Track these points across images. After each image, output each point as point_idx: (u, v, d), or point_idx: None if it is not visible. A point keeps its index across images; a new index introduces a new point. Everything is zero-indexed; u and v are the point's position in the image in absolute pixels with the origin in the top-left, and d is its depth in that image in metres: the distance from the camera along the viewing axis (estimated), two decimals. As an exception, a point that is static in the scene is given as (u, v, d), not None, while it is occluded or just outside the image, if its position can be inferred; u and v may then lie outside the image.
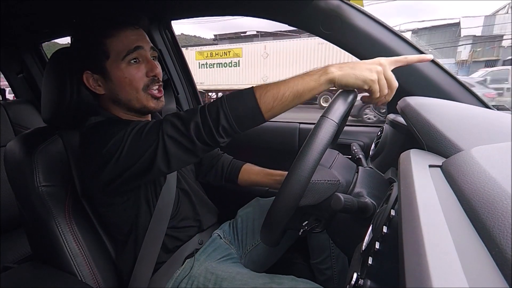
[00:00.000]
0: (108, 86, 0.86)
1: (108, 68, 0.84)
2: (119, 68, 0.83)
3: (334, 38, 0.94)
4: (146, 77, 0.87)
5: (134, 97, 0.87)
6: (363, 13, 0.89)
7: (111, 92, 0.87)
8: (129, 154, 0.74)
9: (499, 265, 0.25)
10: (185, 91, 1.74)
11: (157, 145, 0.72)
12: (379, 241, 0.52)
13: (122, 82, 0.84)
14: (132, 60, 0.84)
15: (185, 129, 0.71)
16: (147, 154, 0.73)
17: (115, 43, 0.82)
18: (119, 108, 0.91)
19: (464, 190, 0.36)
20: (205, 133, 0.70)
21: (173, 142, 0.72)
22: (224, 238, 1.10)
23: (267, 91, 0.70)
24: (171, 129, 0.72)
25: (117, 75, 0.84)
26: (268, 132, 1.64)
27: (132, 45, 0.83)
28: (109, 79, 0.85)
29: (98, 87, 0.86)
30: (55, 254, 0.91)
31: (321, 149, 0.63)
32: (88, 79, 0.86)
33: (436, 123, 0.61)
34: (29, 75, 1.99)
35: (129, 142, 0.74)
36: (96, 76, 0.85)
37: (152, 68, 0.87)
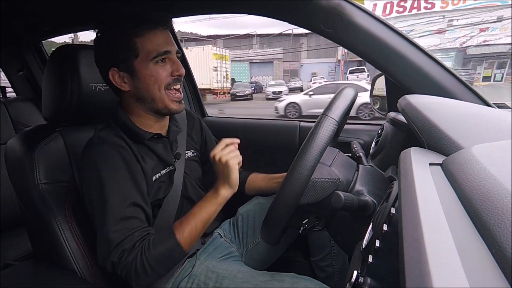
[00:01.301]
0: (134, 83, 0.87)
1: (136, 66, 0.85)
2: (147, 67, 0.85)
3: (335, 36, 0.94)
4: (171, 76, 0.89)
5: (158, 96, 0.88)
6: (364, 11, 0.89)
7: (137, 90, 0.88)
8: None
9: (499, 263, 0.25)
10: (186, 89, 1.74)
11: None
12: (379, 239, 0.52)
13: (148, 80, 0.86)
14: (160, 60, 0.87)
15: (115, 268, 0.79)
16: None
17: (145, 43, 0.84)
18: (141, 106, 0.91)
19: (465, 188, 0.36)
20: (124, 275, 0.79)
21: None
22: (224, 237, 1.10)
23: (184, 233, 0.83)
24: (110, 262, 0.78)
25: (144, 73, 0.85)
26: (269, 130, 1.64)
27: (161, 48, 0.86)
28: (135, 77, 0.86)
29: (124, 84, 0.87)
30: (55, 252, 0.91)
31: (321, 148, 0.63)
32: (114, 76, 0.86)
33: (437, 121, 0.61)
34: (29, 73, 1.99)
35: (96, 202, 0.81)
36: (122, 73, 0.86)
37: (177, 69, 0.90)
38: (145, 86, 0.87)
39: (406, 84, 0.91)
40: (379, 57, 0.91)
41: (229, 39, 32.36)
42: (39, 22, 1.52)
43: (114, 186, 0.80)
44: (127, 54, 0.84)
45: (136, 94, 0.89)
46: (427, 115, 0.64)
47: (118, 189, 0.80)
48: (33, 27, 1.60)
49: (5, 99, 1.87)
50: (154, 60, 0.85)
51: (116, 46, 0.84)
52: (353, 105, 0.83)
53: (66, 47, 0.95)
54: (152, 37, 0.85)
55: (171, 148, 1.00)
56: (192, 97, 1.78)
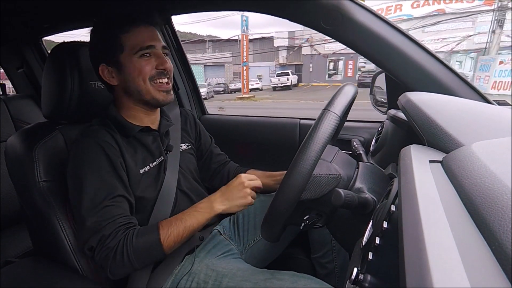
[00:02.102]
0: (121, 77, 0.92)
1: (122, 60, 0.90)
2: (131, 60, 0.90)
3: (335, 33, 0.93)
4: (156, 69, 0.93)
5: (143, 88, 0.92)
6: (364, 8, 0.89)
7: (124, 83, 0.93)
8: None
9: (499, 260, 0.26)
10: (186, 86, 1.74)
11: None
12: (380, 236, 0.52)
13: (132, 73, 0.90)
14: (144, 54, 0.91)
15: (94, 255, 0.81)
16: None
17: (130, 39, 0.89)
18: (130, 99, 0.96)
19: (465, 185, 0.36)
20: (99, 264, 0.82)
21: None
22: (224, 234, 1.10)
23: (169, 236, 0.85)
24: (88, 247, 0.81)
25: (129, 67, 0.90)
26: (269, 128, 1.64)
27: (145, 43, 0.90)
28: (122, 71, 0.91)
29: (112, 78, 0.92)
30: (56, 249, 0.91)
31: (323, 142, 0.63)
32: (103, 71, 0.92)
33: (437, 118, 0.61)
34: (29, 70, 1.99)
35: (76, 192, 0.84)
36: (110, 68, 0.91)
37: (162, 62, 0.93)
38: (130, 79, 0.91)
39: (406, 82, 0.91)
40: (379, 54, 0.91)
41: (186, 44, 33.95)
42: (38, 19, 1.52)
43: (96, 179, 0.84)
44: (114, 49, 0.89)
45: (123, 88, 0.93)
46: (427, 112, 0.64)
47: (100, 181, 0.84)
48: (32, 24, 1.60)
49: (5, 97, 1.87)
50: (138, 54, 0.90)
51: (105, 43, 0.90)
52: (353, 103, 0.83)
53: (65, 44, 0.95)
54: (136, 33, 0.90)
55: (162, 141, 1.03)
56: (192, 95, 1.78)
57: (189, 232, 0.88)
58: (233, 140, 0.91)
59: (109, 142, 0.89)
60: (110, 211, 0.82)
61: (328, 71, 26.79)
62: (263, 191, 1.20)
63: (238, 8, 1.15)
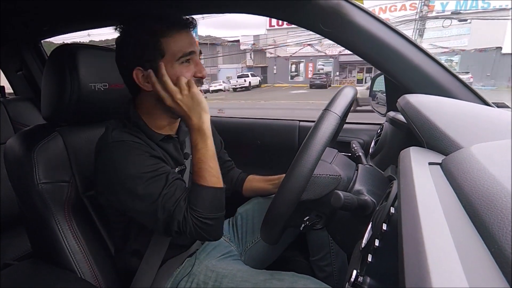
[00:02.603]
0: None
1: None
2: (172, 67, 0.85)
3: (334, 35, 0.93)
4: (194, 77, 0.88)
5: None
6: (363, 11, 0.89)
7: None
8: (136, 205, 0.80)
9: (498, 262, 0.26)
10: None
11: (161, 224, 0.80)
12: (379, 238, 0.52)
13: (172, 79, 0.86)
14: (185, 61, 0.86)
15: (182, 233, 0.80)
16: (152, 220, 0.80)
17: (171, 44, 0.84)
18: (160, 106, 0.88)
19: (464, 187, 0.36)
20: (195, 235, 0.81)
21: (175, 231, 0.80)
22: (223, 236, 1.10)
23: (204, 177, 0.83)
24: (174, 228, 0.79)
25: (169, 73, 0.84)
26: (268, 129, 1.64)
27: (187, 49, 0.85)
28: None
29: (147, 83, 0.86)
30: (54, 251, 0.91)
31: (324, 142, 0.63)
32: (138, 75, 0.85)
33: (436, 120, 0.61)
34: (28, 73, 1.99)
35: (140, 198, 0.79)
36: (147, 73, 0.85)
37: (200, 70, 0.89)
38: None
39: (405, 84, 0.91)
40: (378, 56, 0.91)
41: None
42: (38, 21, 1.52)
43: (146, 176, 0.80)
44: (154, 54, 0.83)
45: (158, 94, 0.88)
46: (427, 115, 0.64)
47: (153, 180, 0.80)
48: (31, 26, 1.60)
49: (4, 99, 1.87)
50: (180, 60, 0.85)
51: (143, 46, 0.83)
52: (352, 105, 0.83)
53: (65, 46, 0.95)
54: (178, 38, 0.85)
55: (181, 148, 0.99)
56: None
57: (213, 160, 0.85)
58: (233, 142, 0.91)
59: (145, 145, 0.85)
60: (171, 197, 0.80)
61: (291, 72, 28.63)
62: (263, 195, 1.20)
63: (236, 11, 1.15)
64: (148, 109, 0.90)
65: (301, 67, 28.65)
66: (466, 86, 0.88)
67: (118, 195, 0.81)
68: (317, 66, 27.72)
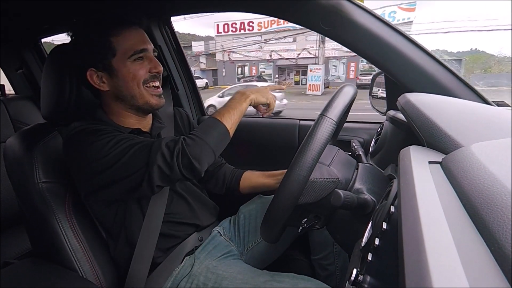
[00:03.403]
0: (113, 82, 0.89)
1: (114, 65, 0.87)
2: (124, 65, 0.87)
3: (334, 34, 0.93)
4: (149, 73, 0.91)
5: (137, 92, 0.90)
6: (364, 10, 0.89)
7: (116, 88, 0.89)
8: (115, 172, 0.80)
9: (498, 261, 0.26)
10: (185, 87, 1.74)
11: (144, 171, 0.80)
12: (379, 237, 0.52)
13: (126, 78, 0.88)
14: (138, 58, 0.89)
15: (171, 161, 0.80)
16: (133, 176, 0.80)
17: (122, 42, 0.86)
18: (121, 105, 0.92)
19: (464, 186, 0.36)
20: (183, 164, 0.81)
21: (159, 172, 0.80)
22: (224, 235, 1.10)
23: (224, 116, 0.88)
24: (161, 160, 0.79)
25: (122, 72, 0.87)
26: (268, 129, 1.64)
27: (138, 46, 0.88)
28: (114, 76, 0.88)
29: (103, 83, 0.89)
30: (55, 250, 0.91)
31: (319, 148, 0.64)
32: (92, 76, 0.87)
33: (436, 119, 0.61)
34: (28, 71, 1.99)
35: (116, 158, 0.80)
36: (101, 73, 0.87)
37: (155, 66, 0.91)
38: (124, 83, 0.89)
39: (405, 82, 0.91)
40: (378, 55, 0.91)
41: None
42: (38, 20, 1.51)
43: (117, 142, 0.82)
44: (105, 53, 0.86)
45: (115, 93, 0.90)
46: (427, 113, 0.64)
47: (121, 143, 0.82)
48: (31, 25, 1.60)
49: (4, 98, 1.87)
50: (132, 58, 0.87)
51: (94, 46, 0.85)
52: (352, 104, 0.83)
53: (64, 46, 0.95)
54: (128, 36, 0.87)
55: None
56: (191, 96, 1.78)
57: (238, 114, 0.91)
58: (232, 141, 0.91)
59: (104, 127, 0.87)
60: (144, 144, 0.82)
61: (238, 75, 30.93)
62: (265, 191, 1.19)
63: (237, 9, 1.15)
64: (112, 109, 0.94)
65: (246, 70, 31.46)
66: (466, 84, 0.88)
67: (96, 175, 0.81)
68: (259, 69, 30.79)
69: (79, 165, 0.83)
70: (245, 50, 29.18)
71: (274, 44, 27.76)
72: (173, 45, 1.63)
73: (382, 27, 0.89)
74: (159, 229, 0.94)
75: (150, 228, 0.94)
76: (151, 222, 0.94)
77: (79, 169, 0.84)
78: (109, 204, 0.92)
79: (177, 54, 1.66)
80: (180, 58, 1.67)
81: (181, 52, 1.67)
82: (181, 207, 1.02)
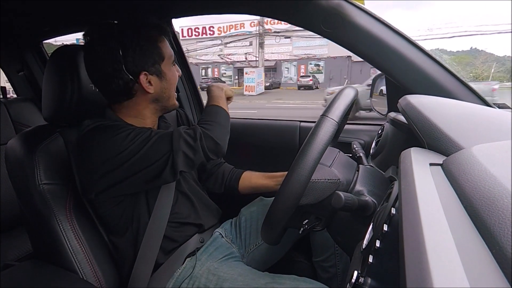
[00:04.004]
0: (161, 85, 0.94)
1: (164, 69, 0.93)
2: (170, 69, 0.95)
3: (335, 36, 0.94)
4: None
5: (172, 94, 0.99)
6: (364, 11, 0.89)
7: (161, 91, 0.95)
8: (137, 162, 0.84)
9: (499, 263, 0.25)
10: (186, 89, 1.74)
11: (167, 158, 0.85)
12: (380, 239, 0.52)
13: (171, 81, 0.96)
14: (174, 63, 0.98)
15: (195, 144, 0.87)
16: (156, 164, 0.85)
17: (165, 48, 0.93)
18: (153, 106, 0.97)
19: (465, 188, 0.36)
20: (207, 146, 0.89)
21: (183, 157, 0.86)
22: (225, 237, 1.10)
23: (219, 102, 1.02)
24: (185, 145, 0.86)
25: (169, 75, 0.95)
26: (269, 130, 1.64)
27: (172, 53, 0.97)
28: (164, 79, 0.94)
29: (150, 86, 0.91)
30: (56, 252, 0.91)
31: (321, 149, 0.64)
32: (143, 79, 0.89)
33: (437, 121, 0.61)
34: (30, 73, 1.99)
35: (137, 149, 0.83)
36: (151, 76, 0.91)
37: (179, 70, 1.01)
38: (168, 86, 0.96)
39: (406, 84, 0.91)
40: (379, 57, 0.91)
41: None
42: (39, 22, 1.52)
43: (136, 135, 0.86)
44: (157, 59, 0.91)
45: (157, 95, 0.94)
46: (428, 115, 0.64)
47: (140, 136, 0.86)
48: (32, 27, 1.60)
49: (6, 100, 1.87)
50: (173, 63, 0.97)
51: (147, 52, 0.89)
52: (353, 105, 0.83)
53: (66, 47, 0.95)
54: (166, 43, 0.94)
55: None
56: (192, 97, 1.78)
57: (227, 104, 1.08)
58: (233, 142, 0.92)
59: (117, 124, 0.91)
60: (162, 134, 0.88)
61: (202, 76, 33.21)
62: (266, 193, 1.19)
63: (237, 11, 1.15)
64: (136, 112, 0.95)
65: (209, 72, 34.81)
66: (467, 86, 0.88)
67: (115, 170, 0.84)
68: (221, 71, 34.32)
69: (95, 161, 0.84)
70: (207, 53, 32.18)
71: (233, 48, 31.34)
72: (174, 47, 1.64)
73: (383, 29, 0.89)
74: (164, 229, 0.95)
75: (156, 227, 0.94)
76: (157, 221, 0.94)
77: (96, 165, 0.84)
78: (118, 202, 0.92)
79: (178, 56, 1.66)
80: (181, 60, 1.68)
81: (182, 53, 1.67)
82: (186, 207, 1.03)
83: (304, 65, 29.86)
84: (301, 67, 30.09)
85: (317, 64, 29.94)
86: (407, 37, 0.89)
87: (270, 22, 27.21)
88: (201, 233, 1.05)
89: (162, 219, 0.95)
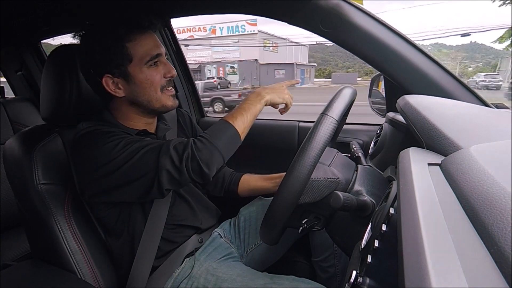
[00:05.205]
0: (130, 88, 0.88)
1: (131, 71, 0.86)
2: (141, 71, 0.86)
3: (333, 36, 0.94)
4: (164, 78, 0.90)
5: (154, 97, 0.90)
6: (363, 11, 0.89)
7: (132, 94, 0.88)
8: (124, 174, 0.79)
9: (498, 263, 0.26)
10: (184, 89, 1.74)
11: (154, 175, 0.78)
12: (378, 239, 0.52)
13: (144, 84, 0.87)
14: (153, 64, 0.88)
15: (180, 165, 0.78)
16: (142, 180, 0.79)
17: (137, 48, 0.85)
18: (135, 109, 0.92)
19: (463, 188, 0.36)
20: (192, 169, 0.79)
21: (168, 176, 0.78)
22: (224, 237, 1.10)
23: (236, 119, 0.86)
24: (170, 164, 0.78)
25: (140, 78, 0.86)
26: (268, 130, 1.64)
27: (153, 52, 0.87)
28: (131, 82, 0.87)
29: (118, 90, 0.87)
30: (54, 252, 0.91)
31: (321, 147, 0.64)
32: (108, 83, 0.86)
33: (435, 121, 0.61)
34: (28, 73, 1.98)
35: (125, 161, 0.78)
36: (117, 79, 0.86)
37: (169, 70, 0.91)
38: (141, 90, 0.88)
39: (404, 85, 0.91)
40: (378, 57, 0.91)
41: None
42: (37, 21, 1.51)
43: (125, 145, 0.80)
44: (121, 59, 0.84)
45: (130, 99, 0.89)
46: (426, 115, 0.64)
47: (129, 146, 0.80)
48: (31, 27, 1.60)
49: (4, 99, 1.86)
50: (148, 64, 0.87)
51: (110, 52, 0.84)
52: (352, 105, 0.83)
53: (64, 47, 0.95)
54: (142, 42, 0.86)
55: None
56: (191, 97, 1.78)
57: (251, 116, 0.89)
58: None
59: (112, 129, 0.86)
60: (152, 147, 0.81)
61: None
62: (263, 194, 1.19)
63: (236, 11, 1.15)
64: (122, 113, 0.93)
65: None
66: (465, 86, 0.88)
67: (105, 177, 0.80)
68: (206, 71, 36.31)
69: (87, 166, 0.82)
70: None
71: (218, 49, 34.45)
72: (173, 47, 1.63)
73: (381, 29, 0.89)
74: (161, 230, 0.94)
75: (153, 229, 0.94)
76: (154, 223, 0.94)
77: (87, 170, 0.82)
78: (114, 205, 0.91)
79: (177, 56, 1.66)
80: (180, 60, 1.68)
81: (181, 54, 1.67)
82: (183, 210, 1.02)
83: (222, 67, 33.21)
84: (220, 69, 33.23)
85: (232, 67, 33.58)
86: (405, 37, 0.90)
87: (192, 29, 32.99)
88: (199, 233, 1.05)
89: (159, 221, 0.94)
